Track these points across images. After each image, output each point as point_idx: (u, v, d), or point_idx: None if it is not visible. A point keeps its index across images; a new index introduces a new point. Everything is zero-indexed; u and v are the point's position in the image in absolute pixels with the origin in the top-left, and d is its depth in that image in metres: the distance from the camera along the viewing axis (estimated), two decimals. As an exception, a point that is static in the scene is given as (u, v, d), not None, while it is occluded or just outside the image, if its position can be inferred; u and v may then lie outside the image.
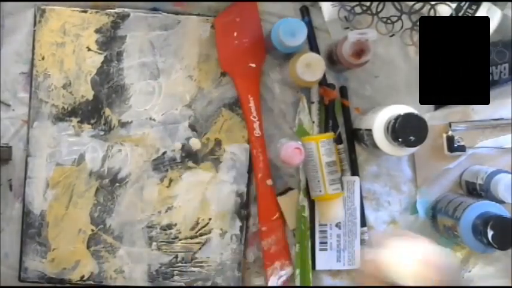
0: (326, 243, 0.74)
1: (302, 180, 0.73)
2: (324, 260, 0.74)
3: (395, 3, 0.73)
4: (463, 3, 0.72)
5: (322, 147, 0.69)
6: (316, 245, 0.74)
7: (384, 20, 0.73)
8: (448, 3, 0.72)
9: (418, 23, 0.72)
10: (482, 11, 0.72)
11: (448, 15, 0.72)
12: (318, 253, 0.74)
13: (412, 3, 0.72)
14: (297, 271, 0.74)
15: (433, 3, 0.71)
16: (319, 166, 0.69)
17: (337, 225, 0.74)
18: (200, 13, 0.74)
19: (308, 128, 0.73)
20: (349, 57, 0.67)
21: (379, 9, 0.73)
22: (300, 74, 0.67)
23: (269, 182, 0.73)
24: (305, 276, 0.74)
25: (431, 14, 0.72)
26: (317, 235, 0.74)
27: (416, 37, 0.73)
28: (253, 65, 0.73)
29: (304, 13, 0.74)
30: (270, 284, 0.73)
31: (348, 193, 0.74)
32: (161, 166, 0.73)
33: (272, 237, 0.73)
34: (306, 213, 0.73)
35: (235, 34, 0.73)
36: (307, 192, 0.73)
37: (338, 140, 0.74)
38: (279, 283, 0.73)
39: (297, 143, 0.66)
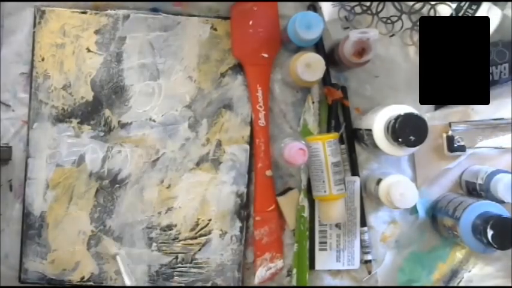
0: (326, 243, 0.74)
1: (303, 180, 0.73)
2: (324, 260, 0.74)
3: (396, 3, 0.73)
4: (463, 3, 0.72)
5: (329, 148, 0.69)
6: (316, 244, 0.74)
7: (384, 20, 0.73)
8: (448, 3, 0.72)
9: (418, 23, 0.72)
10: (483, 11, 0.72)
11: (448, 15, 0.72)
12: (317, 253, 0.74)
13: (412, 3, 0.72)
14: (294, 271, 0.74)
15: (433, 3, 0.71)
16: (324, 166, 0.69)
17: (337, 225, 0.75)
18: (200, 14, 0.74)
19: (313, 129, 0.73)
20: (351, 56, 0.67)
21: (379, 9, 0.73)
22: (300, 74, 0.67)
23: (268, 172, 0.73)
24: (302, 276, 0.74)
25: (431, 14, 0.72)
26: (317, 235, 0.74)
27: (416, 37, 0.73)
28: (266, 55, 0.73)
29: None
30: (257, 275, 0.73)
31: (348, 193, 0.74)
32: (161, 167, 0.73)
33: (265, 228, 0.73)
34: (306, 214, 0.73)
35: (250, 22, 0.73)
36: (307, 192, 0.73)
37: (340, 140, 0.74)
38: (267, 275, 0.73)
39: (301, 144, 0.66)
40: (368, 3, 0.73)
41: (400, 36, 0.74)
